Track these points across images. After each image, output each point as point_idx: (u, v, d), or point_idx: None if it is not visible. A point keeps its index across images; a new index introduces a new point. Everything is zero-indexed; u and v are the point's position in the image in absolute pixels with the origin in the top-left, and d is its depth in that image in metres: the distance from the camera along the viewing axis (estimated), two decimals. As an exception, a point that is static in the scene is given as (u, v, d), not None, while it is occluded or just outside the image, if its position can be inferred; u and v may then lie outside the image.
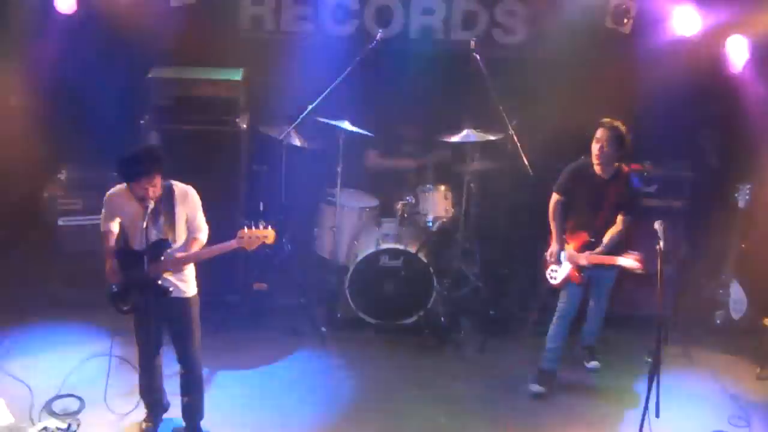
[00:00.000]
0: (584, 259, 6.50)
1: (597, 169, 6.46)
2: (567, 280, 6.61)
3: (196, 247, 5.51)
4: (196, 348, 5.70)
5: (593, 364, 7.08)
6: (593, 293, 6.86)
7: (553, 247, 6.69)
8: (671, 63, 8.06)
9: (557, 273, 6.67)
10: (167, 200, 5.41)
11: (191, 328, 5.65)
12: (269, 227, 5.47)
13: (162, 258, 5.36)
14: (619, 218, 6.50)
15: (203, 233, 5.57)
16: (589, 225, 6.56)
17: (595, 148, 6.42)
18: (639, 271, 6.30)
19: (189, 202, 5.49)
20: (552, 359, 6.75)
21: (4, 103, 7.71)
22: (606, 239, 6.48)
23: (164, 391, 5.95)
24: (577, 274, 6.55)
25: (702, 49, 7.90)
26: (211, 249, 5.50)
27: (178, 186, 5.49)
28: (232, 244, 5.43)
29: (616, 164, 6.48)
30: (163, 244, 5.38)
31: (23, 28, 7.48)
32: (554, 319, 6.74)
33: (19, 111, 7.69)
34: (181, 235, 5.48)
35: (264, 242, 5.47)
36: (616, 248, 6.46)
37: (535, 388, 6.69)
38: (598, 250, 6.48)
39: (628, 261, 6.30)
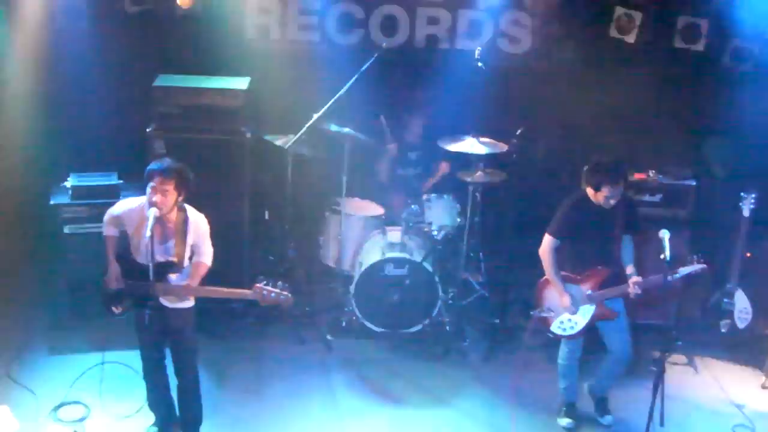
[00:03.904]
0: (635, 287, 5.89)
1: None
2: (593, 323, 6.06)
3: (202, 271, 5.53)
4: (194, 358, 5.72)
5: (607, 419, 6.48)
6: (610, 337, 6.17)
7: (562, 299, 6.06)
8: (675, 72, 8.10)
9: (574, 322, 6.10)
10: (182, 224, 5.45)
11: (188, 338, 5.67)
12: (288, 294, 5.44)
13: (168, 279, 5.40)
14: (625, 238, 6.10)
15: (208, 257, 5.60)
16: (605, 259, 6.04)
17: (606, 202, 5.85)
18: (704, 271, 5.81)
19: (200, 231, 5.54)
20: (570, 392, 6.43)
21: (9, 110, 7.76)
22: (629, 266, 6.06)
23: (174, 403, 5.88)
24: (608, 311, 6.03)
25: (704, 58, 7.96)
26: (224, 291, 5.51)
27: (192, 213, 5.54)
28: (246, 293, 5.44)
29: None
30: (172, 268, 5.41)
31: (30, 36, 7.55)
32: (562, 360, 6.32)
33: (25, 118, 7.73)
34: (186, 261, 5.50)
35: (280, 305, 5.46)
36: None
37: (565, 422, 6.41)
38: (637, 278, 5.92)
39: (691, 267, 5.77)
